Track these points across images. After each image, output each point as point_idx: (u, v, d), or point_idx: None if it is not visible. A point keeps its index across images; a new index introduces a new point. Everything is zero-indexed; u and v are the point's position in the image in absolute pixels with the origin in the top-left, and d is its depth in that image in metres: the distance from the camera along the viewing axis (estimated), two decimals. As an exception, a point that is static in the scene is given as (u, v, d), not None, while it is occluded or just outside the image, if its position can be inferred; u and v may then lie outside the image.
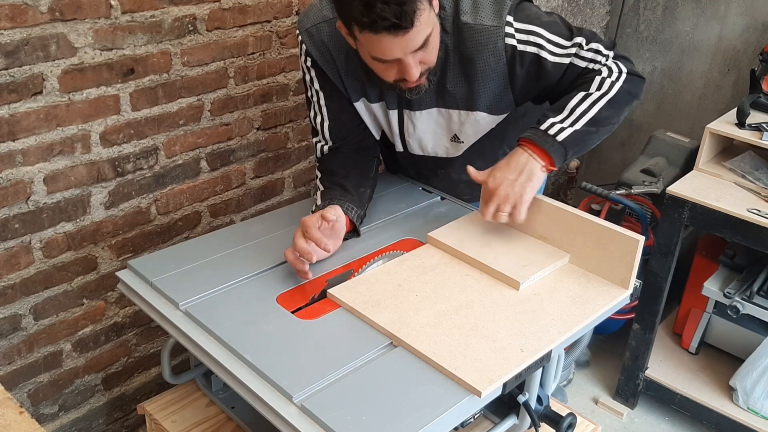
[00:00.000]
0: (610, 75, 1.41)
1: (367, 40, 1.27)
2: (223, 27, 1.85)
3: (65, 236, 1.72)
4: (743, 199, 2.19)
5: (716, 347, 2.60)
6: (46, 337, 1.77)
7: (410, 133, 1.58)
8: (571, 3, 2.88)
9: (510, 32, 1.40)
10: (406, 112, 1.53)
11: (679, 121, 3.09)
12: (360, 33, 1.26)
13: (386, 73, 1.34)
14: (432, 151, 1.62)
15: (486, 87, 1.45)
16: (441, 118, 1.53)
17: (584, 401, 2.60)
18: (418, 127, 1.55)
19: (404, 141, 1.61)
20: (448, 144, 1.59)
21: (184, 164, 1.91)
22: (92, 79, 1.64)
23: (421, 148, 1.62)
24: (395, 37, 1.24)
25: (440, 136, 1.58)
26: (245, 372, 1.12)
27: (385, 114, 1.56)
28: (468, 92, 1.47)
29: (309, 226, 1.35)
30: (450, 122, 1.53)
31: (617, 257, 1.32)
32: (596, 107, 1.39)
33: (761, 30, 2.77)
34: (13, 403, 1.09)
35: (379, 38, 1.24)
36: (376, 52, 1.28)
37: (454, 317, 1.22)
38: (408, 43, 1.26)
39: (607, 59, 1.43)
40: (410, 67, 1.30)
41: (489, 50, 1.40)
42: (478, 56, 1.41)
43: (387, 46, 1.26)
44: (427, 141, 1.59)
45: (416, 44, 1.27)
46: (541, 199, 1.41)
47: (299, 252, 1.33)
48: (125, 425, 2.05)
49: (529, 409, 1.28)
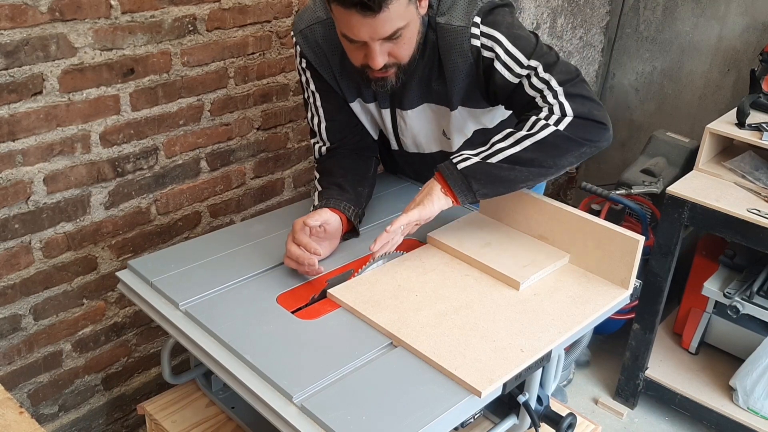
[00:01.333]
0: (547, 117, 1.32)
1: (339, 16, 1.28)
2: (223, 27, 1.85)
3: (65, 236, 1.72)
4: (743, 199, 2.19)
5: (716, 347, 2.60)
6: (46, 337, 1.77)
7: (403, 131, 1.58)
8: (571, 3, 2.88)
9: (475, 33, 1.38)
10: (398, 111, 1.54)
11: (679, 121, 3.09)
12: (332, 6, 1.27)
13: (354, 54, 1.35)
14: (426, 148, 1.62)
15: (458, 86, 1.45)
16: (431, 113, 1.53)
17: (584, 401, 2.60)
18: (411, 125, 1.55)
19: (399, 139, 1.61)
20: (441, 138, 1.59)
21: (184, 164, 1.91)
22: (92, 79, 1.64)
23: (415, 146, 1.62)
24: (363, 18, 1.24)
25: (433, 131, 1.58)
26: (245, 372, 1.12)
27: (379, 113, 1.56)
28: (445, 90, 1.47)
29: (296, 230, 1.36)
30: (439, 117, 1.53)
31: (617, 257, 1.32)
32: (518, 147, 1.32)
33: (761, 30, 2.77)
34: (13, 403, 1.09)
35: (348, 14, 1.25)
36: (344, 28, 1.29)
37: (454, 317, 1.22)
38: (376, 27, 1.26)
39: (555, 96, 1.33)
40: (375, 52, 1.30)
41: (456, 50, 1.40)
42: (448, 56, 1.41)
43: (354, 25, 1.26)
44: (421, 138, 1.59)
45: (384, 32, 1.27)
46: (541, 199, 1.41)
47: (293, 258, 1.33)
48: (125, 425, 2.05)
49: (529, 409, 1.28)
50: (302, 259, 1.32)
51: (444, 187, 1.35)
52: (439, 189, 1.35)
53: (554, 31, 2.87)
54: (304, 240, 1.34)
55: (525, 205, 1.44)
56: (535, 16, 2.72)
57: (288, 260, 1.35)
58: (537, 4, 2.69)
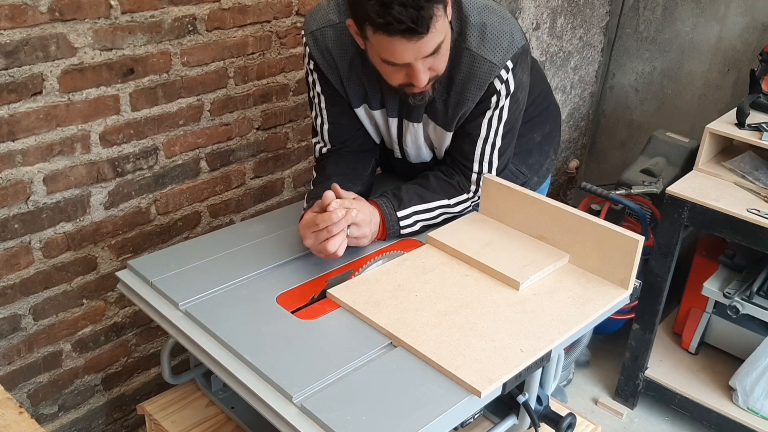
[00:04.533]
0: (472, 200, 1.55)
1: (379, 42, 1.25)
2: (223, 27, 1.85)
3: (65, 236, 1.72)
4: (743, 199, 2.19)
5: (716, 347, 2.60)
6: (45, 337, 1.77)
7: (407, 142, 1.58)
8: (571, 3, 2.88)
9: (503, 77, 1.41)
10: (405, 122, 1.53)
11: (678, 121, 3.09)
12: (373, 34, 1.24)
13: (393, 76, 1.33)
14: (428, 158, 1.64)
15: (461, 113, 1.46)
16: (431, 129, 1.54)
17: (584, 401, 2.60)
18: (416, 136, 1.56)
19: (402, 149, 1.61)
20: (432, 151, 1.62)
21: (184, 164, 1.91)
22: (92, 79, 1.64)
23: (418, 157, 1.63)
24: (409, 42, 1.22)
25: (430, 145, 1.60)
26: (245, 372, 1.12)
27: (386, 121, 1.56)
28: (446, 113, 1.48)
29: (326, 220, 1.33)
30: (435, 133, 1.55)
31: (617, 257, 1.32)
32: (441, 218, 1.53)
33: (761, 30, 2.77)
34: (13, 403, 1.09)
35: (392, 41, 1.22)
36: (387, 54, 1.27)
37: (454, 317, 1.23)
38: (421, 48, 1.24)
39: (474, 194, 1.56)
40: (419, 72, 1.29)
41: (477, 82, 1.41)
42: (467, 84, 1.41)
43: (399, 50, 1.24)
44: (423, 149, 1.60)
45: (428, 50, 1.26)
46: (541, 199, 1.41)
47: (319, 223, 1.32)
48: (125, 425, 2.05)
49: (529, 409, 1.28)
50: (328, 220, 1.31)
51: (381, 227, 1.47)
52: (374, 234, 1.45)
53: (554, 31, 2.87)
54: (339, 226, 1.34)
55: (525, 205, 1.44)
56: (534, 16, 2.72)
57: (310, 233, 1.34)
58: (537, 4, 2.69)
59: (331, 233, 1.31)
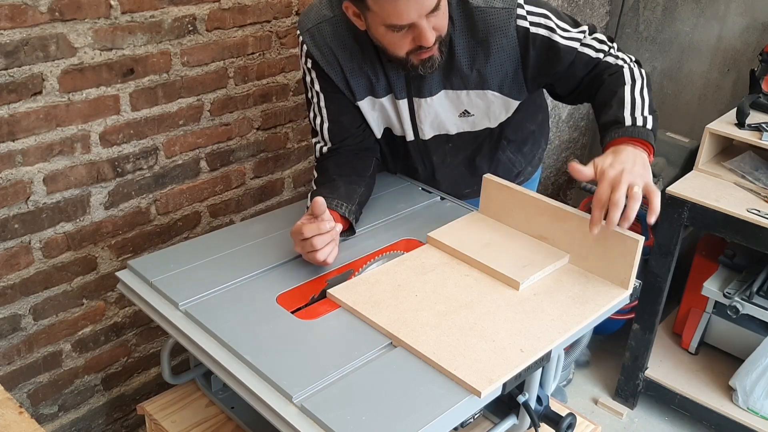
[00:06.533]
0: (632, 69, 1.46)
1: (382, 7, 1.28)
2: (223, 27, 1.85)
3: (65, 236, 1.72)
4: (743, 199, 2.19)
5: (716, 347, 2.60)
6: (45, 337, 1.77)
7: (422, 118, 1.57)
8: (571, 3, 2.88)
9: (522, 14, 1.43)
10: (415, 100, 1.54)
11: (678, 121, 3.09)
12: (375, 1, 1.27)
13: (400, 44, 1.35)
14: (444, 129, 1.62)
15: (499, 69, 1.47)
16: (448, 100, 1.54)
17: (584, 401, 2.60)
18: (430, 111, 1.55)
19: (416, 128, 1.61)
20: (458, 120, 1.59)
21: (184, 164, 1.91)
22: (92, 79, 1.64)
23: (433, 129, 1.61)
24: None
25: (450, 114, 1.58)
26: (245, 372, 1.12)
27: (394, 105, 1.55)
28: (479, 75, 1.48)
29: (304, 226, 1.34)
30: (458, 101, 1.54)
31: (617, 257, 1.32)
32: (646, 95, 1.43)
33: (761, 30, 2.77)
34: (13, 403, 1.09)
35: (396, 2, 1.26)
36: (391, 18, 1.29)
37: (454, 317, 1.22)
38: (422, 2, 1.27)
39: (611, 50, 1.48)
40: (425, 29, 1.31)
41: (501, 32, 1.42)
42: (491, 39, 1.43)
43: (402, 9, 1.27)
44: (439, 121, 1.59)
45: (430, 5, 1.29)
46: (541, 199, 1.41)
47: (306, 233, 1.32)
48: (125, 425, 2.05)
49: (529, 409, 1.28)
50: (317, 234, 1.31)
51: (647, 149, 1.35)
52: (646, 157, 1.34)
53: (554, 31, 2.87)
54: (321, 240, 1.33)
55: (525, 205, 1.44)
56: (534, 16, 2.72)
57: (302, 240, 1.33)
58: (537, 4, 2.69)
59: (315, 247, 1.32)
